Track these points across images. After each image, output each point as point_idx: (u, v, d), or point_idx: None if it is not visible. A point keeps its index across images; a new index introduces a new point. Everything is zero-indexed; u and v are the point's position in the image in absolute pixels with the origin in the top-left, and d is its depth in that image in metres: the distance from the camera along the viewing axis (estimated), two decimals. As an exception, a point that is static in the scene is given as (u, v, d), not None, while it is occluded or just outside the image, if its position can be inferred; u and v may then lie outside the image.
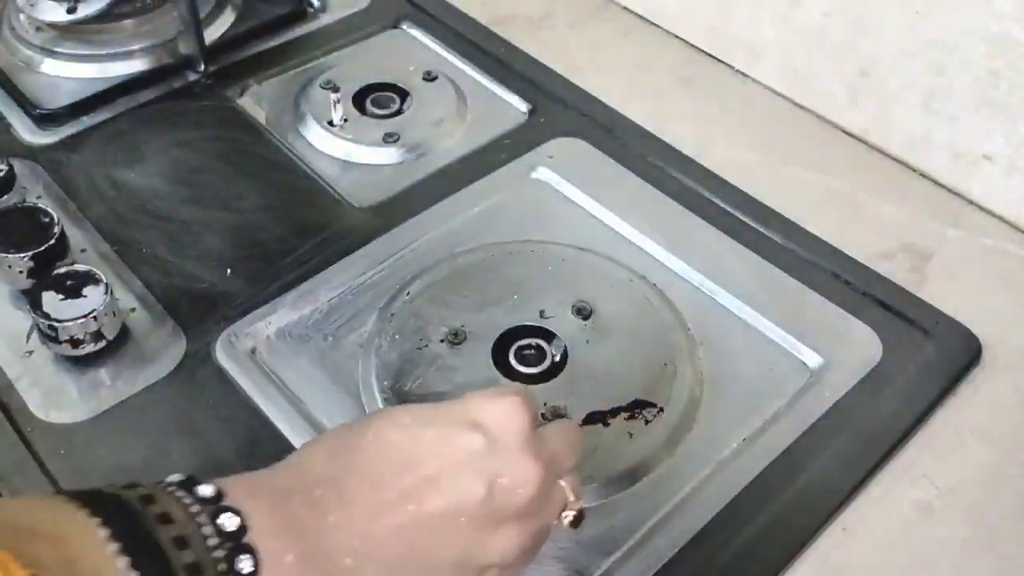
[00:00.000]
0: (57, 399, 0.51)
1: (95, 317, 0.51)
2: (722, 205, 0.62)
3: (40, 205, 0.57)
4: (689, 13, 0.76)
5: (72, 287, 0.52)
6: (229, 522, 0.33)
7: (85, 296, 0.51)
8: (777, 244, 0.60)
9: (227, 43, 0.74)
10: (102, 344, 0.52)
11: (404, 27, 0.78)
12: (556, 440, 0.40)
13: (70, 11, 0.69)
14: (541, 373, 0.52)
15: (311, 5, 0.79)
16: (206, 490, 0.33)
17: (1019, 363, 0.55)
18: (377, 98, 0.70)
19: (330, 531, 0.35)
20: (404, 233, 0.60)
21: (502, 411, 0.37)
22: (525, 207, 0.63)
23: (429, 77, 0.71)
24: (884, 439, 0.50)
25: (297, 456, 0.38)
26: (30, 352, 0.53)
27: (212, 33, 0.74)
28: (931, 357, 0.54)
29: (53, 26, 0.72)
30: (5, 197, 0.59)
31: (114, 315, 0.52)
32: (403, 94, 0.70)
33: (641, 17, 0.79)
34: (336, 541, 0.35)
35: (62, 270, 0.52)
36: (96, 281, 0.52)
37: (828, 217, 0.62)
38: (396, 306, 0.55)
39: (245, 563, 0.32)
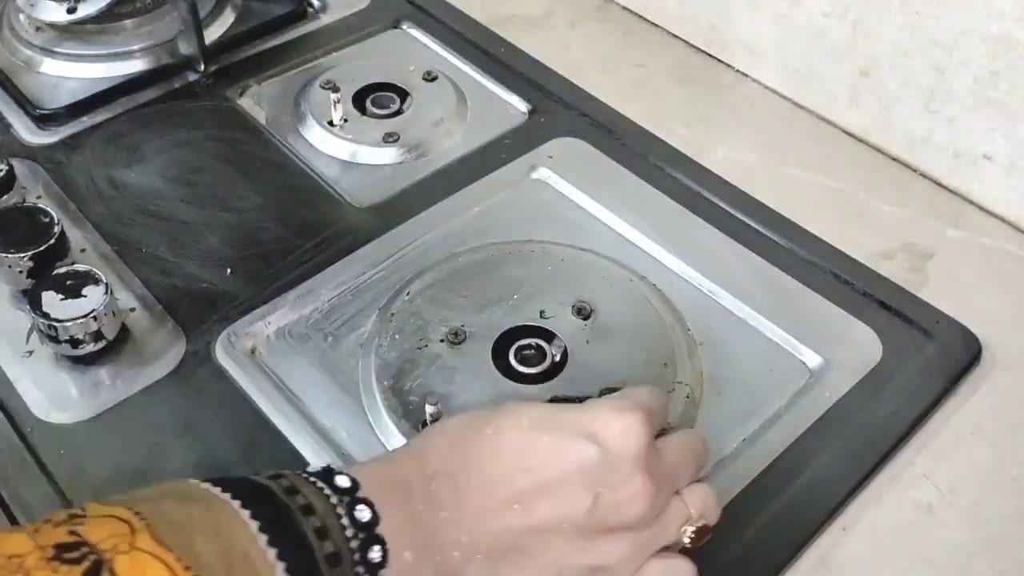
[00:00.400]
0: (57, 399, 0.51)
1: (95, 317, 0.51)
2: (722, 205, 0.62)
3: (40, 205, 0.57)
4: (689, 13, 0.76)
5: (72, 287, 0.52)
6: (363, 514, 0.34)
7: (85, 296, 0.51)
8: (777, 244, 0.60)
9: (227, 43, 0.74)
10: (102, 344, 0.52)
11: (404, 27, 0.78)
12: (675, 453, 0.40)
13: (70, 11, 0.69)
14: (541, 373, 0.52)
15: (311, 5, 0.79)
16: (343, 481, 0.35)
17: (1019, 363, 0.55)
18: (377, 98, 0.70)
19: (442, 526, 0.36)
20: (404, 233, 0.60)
21: (621, 428, 0.38)
22: (525, 207, 0.63)
23: (429, 77, 0.71)
24: (884, 439, 0.50)
25: (420, 442, 0.39)
26: (30, 352, 0.53)
27: (212, 33, 0.74)
28: (931, 357, 0.54)
29: (53, 26, 0.72)
30: (5, 197, 0.59)
31: (114, 315, 0.52)
32: (403, 94, 0.70)
33: (641, 17, 0.79)
34: (447, 536, 0.36)
35: (62, 270, 0.52)
36: (96, 281, 0.52)
37: (828, 217, 0.62)
38: (396, 306, 0.55)
39: (375, 553, 0.34)
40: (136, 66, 0.71)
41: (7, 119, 0.68)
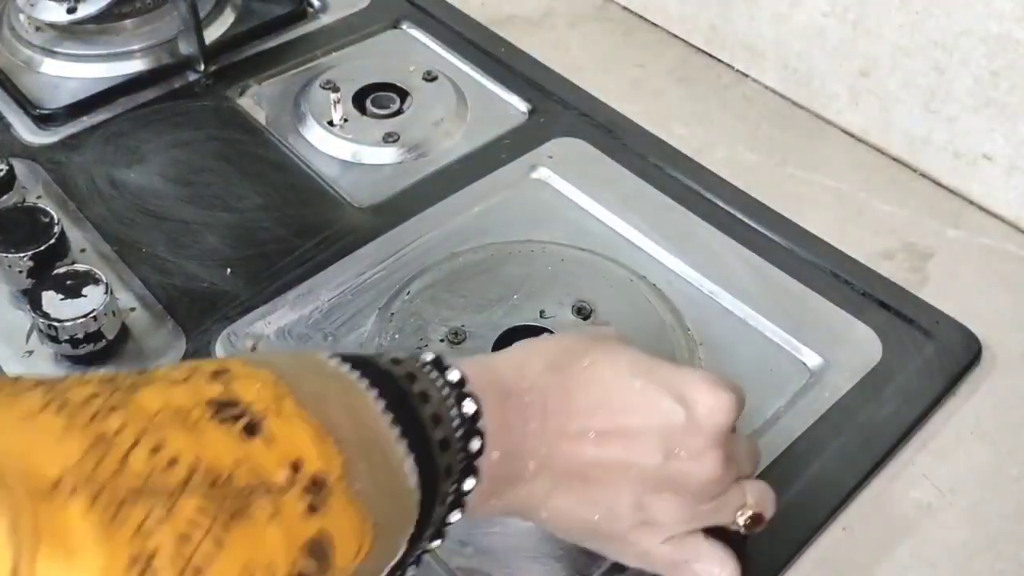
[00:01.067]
0: (57, 399, 0.51)
1: (95, 317, 0.51)
2: (722, 205, 0.62)
3: (40, 205, 0.57)
4: (689, 13, 0.76)
5: (72, 287, 0.52)
6: (469, 407, 0.36)
7: (85, 296, 0.51)
8: (777, 244, 0.60)
9: (227, 43, 0.74)
10: (102, 344, 0.52)
11: (404, 27, 0.78)
12: (744, 447, 0.42)
13: (70, 11, 0.69)
14: (541, 373, 0.52)
15: (311, 5, 0.79)
16: (453, 375, 0.37)
17: (1019, 363, 0.55)
18: (377, 98, 0.70)
19: (526, 436, 0.38)
20: (404, 233, 0.60)
21: (714, 401, 0.39)
22: (525, 207, 0.63)
23: (429, 77, 0.71)
24: (884, 439, 0.50)
25: (520, 354, 0.41)
26: (30, 352, 0.53)
27: (212, 33, 0.74)
28: (931, 357, 0.54)
29: (53, 26, 0.72)
30: (5, 197, 0.60)
31: (114, 315, 0.52)
32: (403, 94, 0.70)
33: (641, 17, 0.79)
34: (528, 445, 0.38)
35: (62, 270, 0.52)
36: (96, 281, 0.52)
37: (828, 217, 0.62)
38: (396, 306, 0.55)
39: (475, 443, 0.36)
40: (136, 66, 0.71)
41: (7, 119, 0.68)
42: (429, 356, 0.37)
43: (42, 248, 0.54)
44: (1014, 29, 0.57)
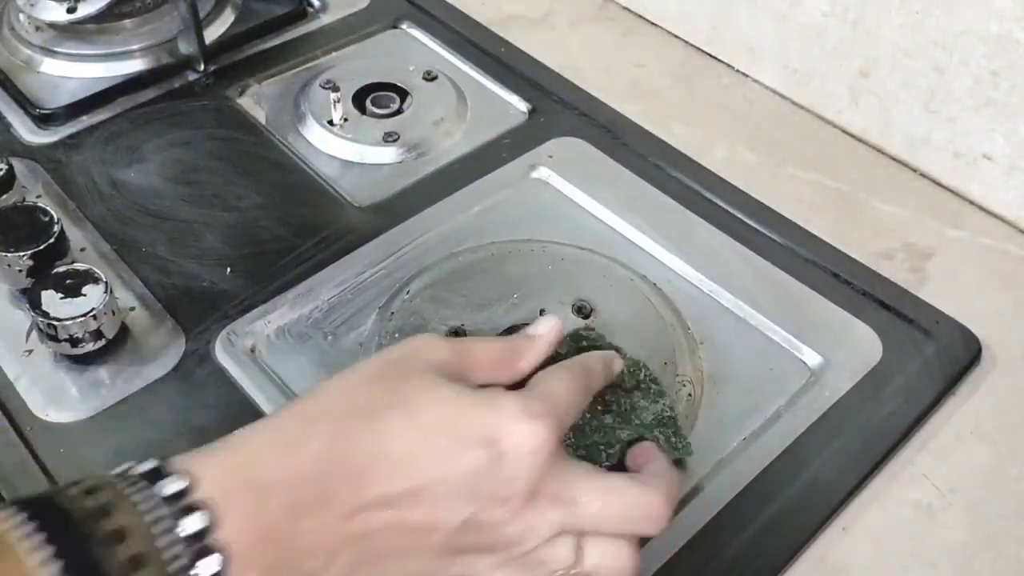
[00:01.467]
0: (57, 398, 0.51)
1: (95, 316, 0.51)
2: (722, 205, 0.62)
3: (40, 204, 0.57)
4: (689, 13, 0.76)
5: (72, 286, 0.51)
6: (194, 524, 0.31)
7: (85, 295, 0.51)
8: (777, 244, 0.60)
9: (227, 43, 0.74)
10: (102, 343, 0.52)
11: (404, 27, 0.78)
12: (592, 492, 0.36)
13: (70, 11, 0.69)
14: (541, 372, 0.52)
15: (311, 5, 0.79)
16: (171, 487, 0.31)
17: (1019, 363, 0.55)
18: (377, 98, 0.70)
19: (301, 534, 0.33)
20: (404, 232, 0.60)
21: (523, 434, 0.35)
22: (525, 207, 0.62)
23: (429, 77, 0.71)
24: (884, 439, 0.50)
25: (295, 424, 0.35)
26: (30, 351, 0.53)
27: (212, 33, 0.74)
28: (931, 357, 0.54)
29: (53, 26, 0.72)
30: (5, 196, 0.59)
31: (113, 314, 0.52)
32: (403, 94, 0.70)
33: (641, 17, 0.79)
34: (304, 543, 0.33)
35: (62, 269, 0.52)
36: (96, 280, 0.52)
37: (828, 217, 0.62)
38: (396, 305, 0.55)
39: (209, 564, 0.30)
40: (136, 66, 0.71)
41: (7, 119, 0.68)
42: (149, 465, 0.32)
43: (42, 247, 0.54)
44: (1014, 29, 0.57)
